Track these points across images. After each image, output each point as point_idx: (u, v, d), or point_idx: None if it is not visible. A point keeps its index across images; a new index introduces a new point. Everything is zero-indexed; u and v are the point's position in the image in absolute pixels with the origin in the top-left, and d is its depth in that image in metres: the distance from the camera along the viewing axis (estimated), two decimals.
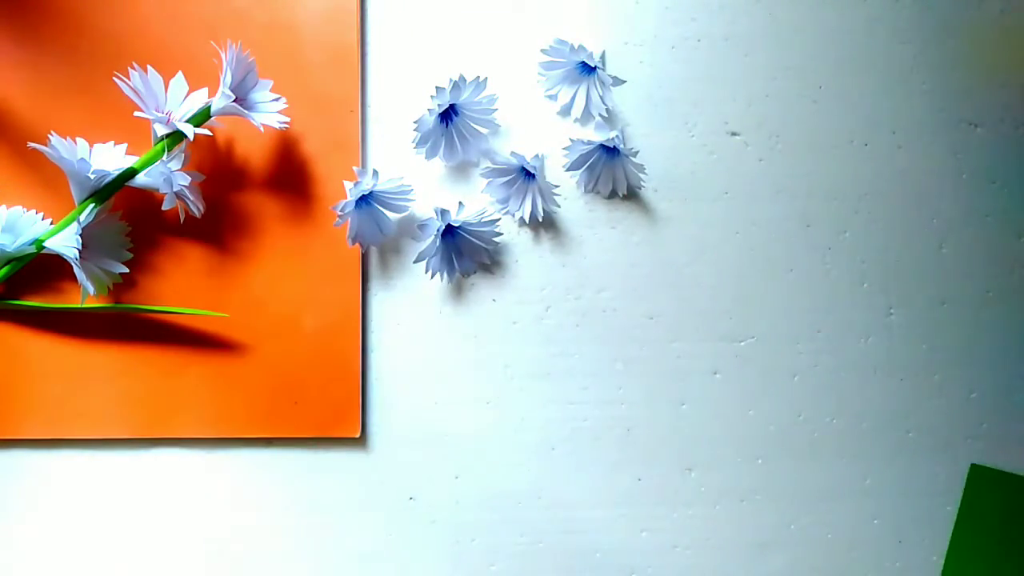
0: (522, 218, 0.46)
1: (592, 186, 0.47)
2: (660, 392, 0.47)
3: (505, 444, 0.47)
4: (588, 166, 0.46)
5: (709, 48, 0.48)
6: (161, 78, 0.42)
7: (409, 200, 0.45)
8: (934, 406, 0.48)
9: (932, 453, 0.48)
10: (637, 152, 0.46)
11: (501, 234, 0.47)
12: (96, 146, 0.43)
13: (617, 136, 0.44)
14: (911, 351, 0.48)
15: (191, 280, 0.46)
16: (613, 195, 0.47)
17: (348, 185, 0.43)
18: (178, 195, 0.42)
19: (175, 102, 0.42)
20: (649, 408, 0.47)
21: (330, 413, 0.46)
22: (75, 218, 0.42)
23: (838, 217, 0.48)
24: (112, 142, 0.44)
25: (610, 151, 0.45)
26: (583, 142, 0.44)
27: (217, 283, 0.46)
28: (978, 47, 0.48)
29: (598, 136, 0.45)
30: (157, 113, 0.42)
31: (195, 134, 0.41)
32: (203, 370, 0.46)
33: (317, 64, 0.46)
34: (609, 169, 0.46)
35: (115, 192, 0.43)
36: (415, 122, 0.44)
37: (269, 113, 0.42)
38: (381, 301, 0.47)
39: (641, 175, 0.46)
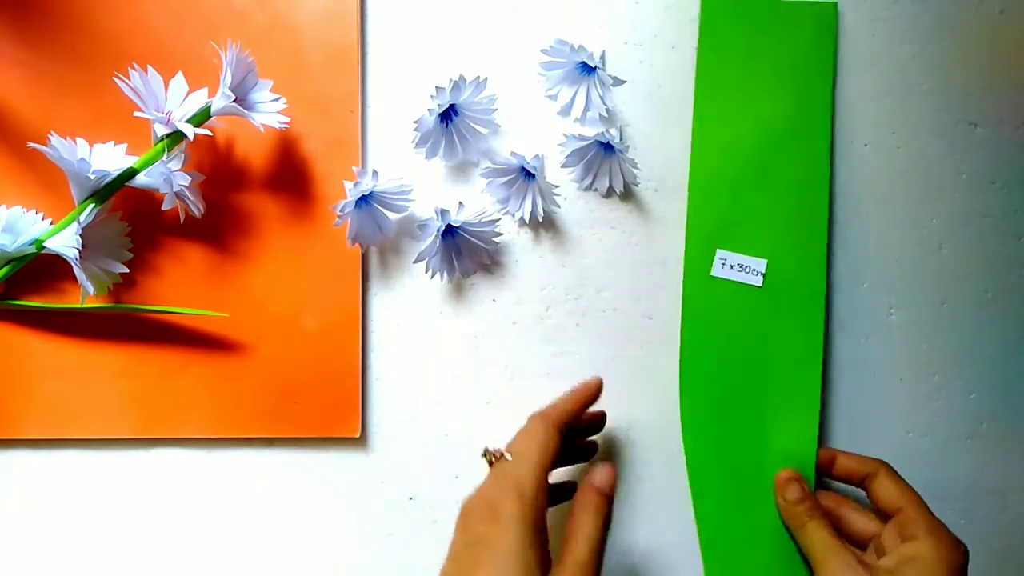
0: (522, 218, 0.46)
1: (589, 183, 0.46)
2: (660, 393, 0.47)
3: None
4: (584, 162, 0.46)
5: None
6: (161, 78, 0.42)
7: (409, 200, 0.45)
8: (934, 406, 0.48)
9: (932, 453, 0.48)
10: (628, 147, 0.46)
11: (501, 234, 0.47)
12: (96, 146, 0.43)
13: (607, 132, 0.44)
14: (911, 351, 0.48)
15: (191, 280, 0.46)
16: (611, 193, 0.47)
17: (348, 185, 0.43)
18: (178, 195, 0.42)
19: (175, 102, 0.42)
20: (649, 408, 0.47)
21: (330, 413, 0.46)
22: (75, 218, 0.42)
23: (838, 217, 0.48)
24: (112, 142, 0.44)
25: (606, 148, 0.45)
26: (577, 138, 0.44)
27: (217, 283, 0.46)
28: (978, 47, 0.48)
29: (592, 131, 0.45)
30: (157, 113, 0.42)
31: (195, 134, 0.41)
32: (203, 370, 0.46)
33: (317, 64, 0.46)
34: (605, 166, 0.46)
35: (115, 192, 0.43)
36: (415, 122, 0.44)
37: (269, 113, 0.42)
38: (381, 301, 0.47)
39: (636, 171, 0.46)
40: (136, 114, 0.41)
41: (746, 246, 0.45)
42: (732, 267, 0.45)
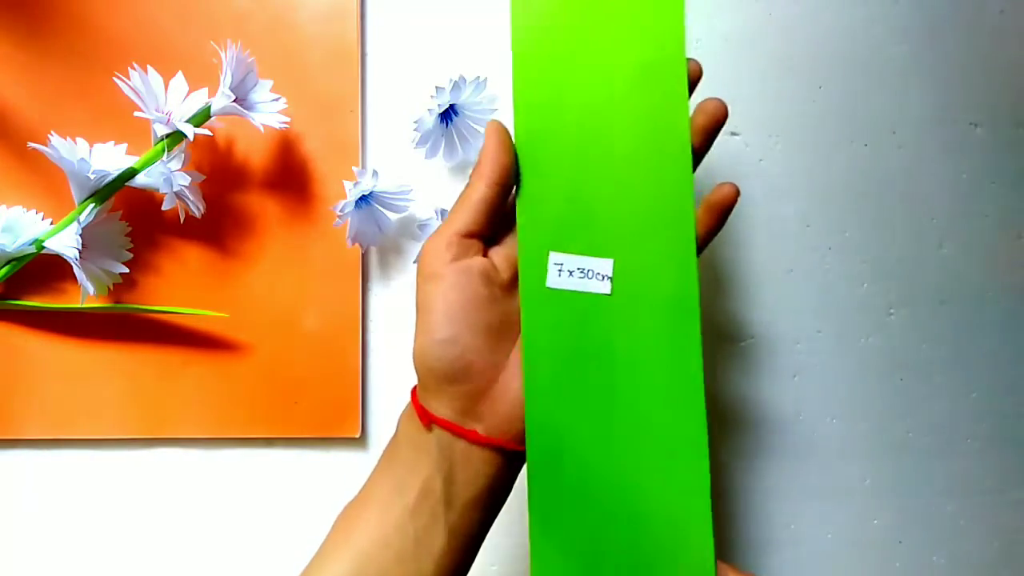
0: None
1: None
2: None
3: None
4: None
5: (709, 48, 0.48)
6: (161, 78, 0.42)
7: (409, 200, 0.45)
8: (934, 406, 0.48)
9: (932, 453, 0.48)
10: None
11: None
12: (96, 146, 0.43)
13: None
14: (911, 351, 0.48)
15: (191, 280, 0.46)
16: None
17: (348, 185, 0.43)
18: (178, 195, 0.42)
19: (175, 102, 0.42)
20: None
21: (330, 413, 0.46)
22: (75, 218, 0.42)
23: (838, 217, 0.48)
24: (112, 142, 0.44)
25: None
26: None
27: (217, 283, 0.46)
28: (978, 47, 0.48)
29: None
30: (157, 113, 0.42)
31: (195, 134, 0.41)
32: (203, 370, 0.46)
33: (317, 64, 0.46)
34: None
35: (115, 192, 0.43)
36: (415, 122, 0.44)
37: (269, 113, 0.42)
38: (381, 301, 0.47)
39: None
40: (136, 114, 0.41)
41: (589, 244, 0.34)
42: (571, 273, 0.34)
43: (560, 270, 0.34)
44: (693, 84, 0.35)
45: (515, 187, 0.35)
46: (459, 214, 0.35)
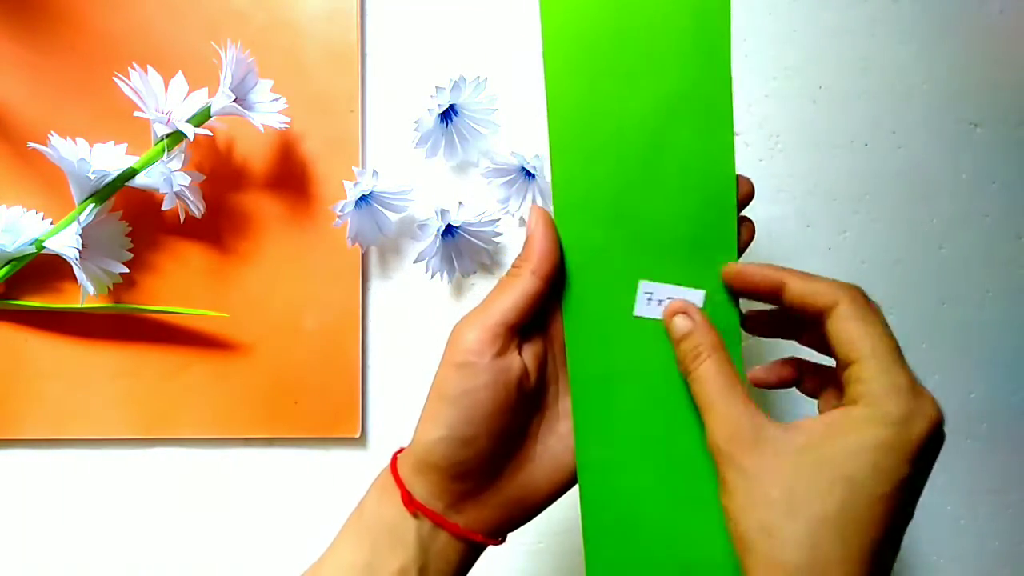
0: (522, 218, 0.46)
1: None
2: None
3: None
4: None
5: None
6: (161, 78, 0.42)
7: (409, 200, 0.45)
8: None
9: None
10: None
11: (501, 234, 0.47)
12: (96, 146, 0.43)
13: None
14: (911, 351, 0.48)
15: (191, 280, 0.46)
16: None
17: (348, 185, 0.43)
18: (178, 195, 0.42)
19: (175, 102, 0.42)
20: None
21: (330, 413, 0.46)
22: (75, 218, 0.42)
23: (838, 217, 0.48)
24: (112, 142, 0.44)
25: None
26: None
27: (217, 283, 0.46)
28: (978, 47, 0.48)
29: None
30: (157, 113, 0.42)
31: (195, 134, 0.41)
32: (203, 370, 0.46)
33: (317, 64, 0.46)
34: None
35: (115, 192, 0.43)
36: (415, 122, 0.44)
37: (269, 113, 0.42)
38: (381, 301, 0.47)
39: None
40: (136, 114, 0.41)
41: (638, 271, 0.34)
42: (660, 302, 0.34)
43: (650, 299, 0.34)
44: (745, 202, 0.35)
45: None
46: (505, 303, 0.32)
